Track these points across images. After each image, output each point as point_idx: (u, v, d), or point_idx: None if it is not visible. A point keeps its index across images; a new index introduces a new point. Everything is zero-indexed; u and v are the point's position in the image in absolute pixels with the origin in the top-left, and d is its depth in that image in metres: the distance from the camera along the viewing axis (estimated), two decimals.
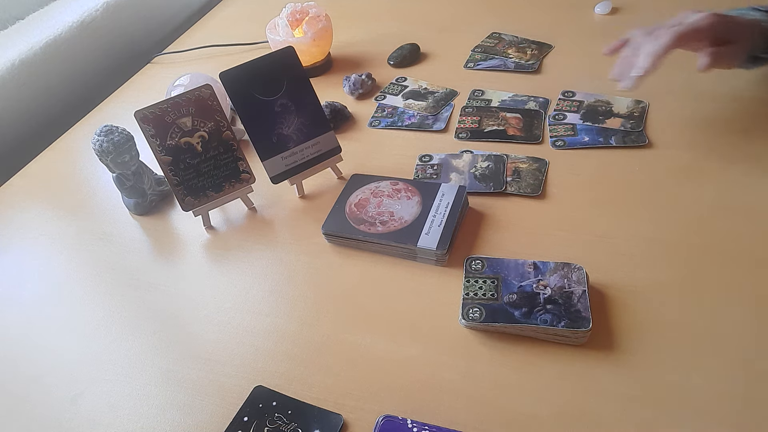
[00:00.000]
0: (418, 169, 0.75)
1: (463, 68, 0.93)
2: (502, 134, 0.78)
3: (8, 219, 0.79)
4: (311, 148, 0.72)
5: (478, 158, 0.74)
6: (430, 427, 0.48)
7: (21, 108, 0.94)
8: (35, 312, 0.65)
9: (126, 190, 0.73)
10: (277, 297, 0.62)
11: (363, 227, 0.64)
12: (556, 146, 0.75)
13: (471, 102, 0.85)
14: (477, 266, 0.59)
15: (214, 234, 0.71)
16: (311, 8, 0.95)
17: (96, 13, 1.06)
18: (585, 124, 0.78)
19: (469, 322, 0.54)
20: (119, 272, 0.68)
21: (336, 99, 0.87)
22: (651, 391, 0.48)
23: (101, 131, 0.69)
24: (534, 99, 0.83)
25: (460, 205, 0.65)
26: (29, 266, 0.71)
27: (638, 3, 1.02)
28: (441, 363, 0.53)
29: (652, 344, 0.52)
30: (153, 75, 1.07)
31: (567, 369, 0.51)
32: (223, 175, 0.70)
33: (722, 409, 0.47)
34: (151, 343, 0.59)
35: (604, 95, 0.82)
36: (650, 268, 0.58)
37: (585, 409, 0.48)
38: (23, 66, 0.93)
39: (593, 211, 0.65)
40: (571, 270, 0.57)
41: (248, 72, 0.69)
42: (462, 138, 0.79)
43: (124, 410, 0.54)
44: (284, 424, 0.50)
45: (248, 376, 0.54)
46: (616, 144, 0.74)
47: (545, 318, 0.53)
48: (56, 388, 0.56)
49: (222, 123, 0.69)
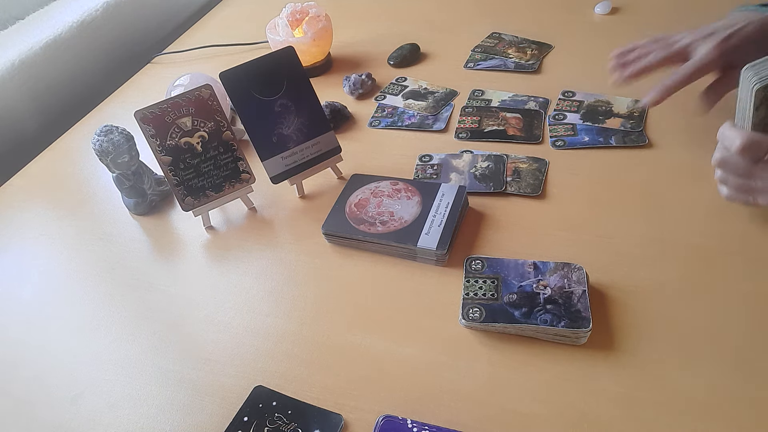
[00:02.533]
0: (418, 169, 0.75)
1: (463, 68, 0.93)
2: (502, 134, 0.78)
3: (8, 219, 0.79)
4: (311, 148, 0.72)
5: (478, 158, 0.74)
6: (430, 427, 0.48)
7: (21, 108, 0.94)
8: (35, 312, 0.65)
9: (126, 190, 0.73)
10: (277, 297, 0.62)
11: (363, 227, 0.64)
12: (557, 146, 0.75)
13: (471, 102, 0.85)
14: (477, 266, 0.59)
15: (214, 234, 0.71)
16: (311, 8, 0.95)
17: (96, 13, 1.06)
18: (585, 124, 0.78)
19: (469, 322, 0.54)
20: (119, 272, 0.68)
21: (336, 99, 0.87)
22: (651, 391, 0.49)
23: (101, 131, 0.69)
24: (534, 99, 0.83)
25: (460, 205, 0.65)
26: (29, 266, 0.71)
27: (638, 3, 1.02)
28: (441, 363, 0.53)
29: (652, 344, 0.52)
30: (153, 75, 1.07)
31: (567, 369, 0.51)
32: (223, 175, 0.70)
33: (722, 409, 0.47)
34: (151, 343, 0.59)
35: (604, 95, 0.82)
36: (650, 268, 0.58)
37: (585, 409, 0.48)
38: (23, 66, 0.93)
39: (593, 211, 0.65)
40: (571, 270, 0.57)
41: (248, 72, 0.69)
42: (462, 138, 0.79)
43: (124, 410, 0.54)
44: (284, 424, 0.50)
45: (248, 376, 0.54)
46: (616, 144, 0.74)
47: (545, 318, 0.53)
48: (56, 388, 0.56)
49: (222, 123, 0.69)
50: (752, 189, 0.57)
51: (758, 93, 0.53)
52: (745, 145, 0.54)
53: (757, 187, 0.56)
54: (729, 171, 0.58)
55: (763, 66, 0.53)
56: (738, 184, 0.58)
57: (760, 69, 0.53)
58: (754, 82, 0.53)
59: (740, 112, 0.56)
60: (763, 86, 0.52)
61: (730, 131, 0.56)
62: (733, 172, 0.58)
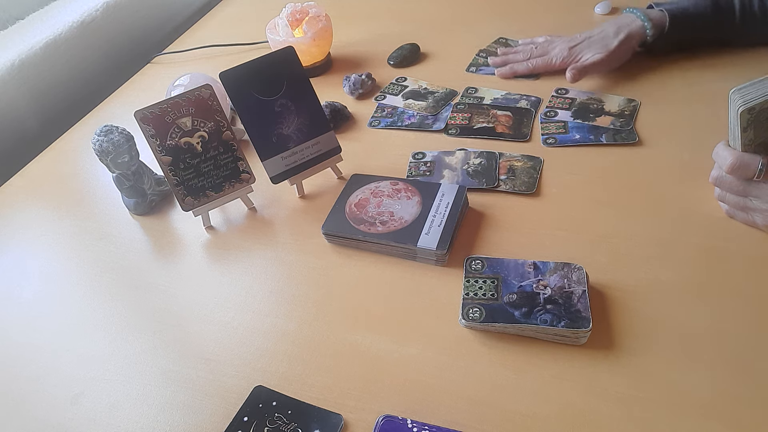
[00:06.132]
0: (411, 166, 0.75)
1: (464, 71, 0.93)
2: (491, 131, 0.79)
3: (8, 219, 0.79)
4: (311, 148, 0.72)
5: (470, 155, 0.74)
6: (430, 427, 0.48)
7: (21, 108, 0.94)
8: (35, 312, 0.65)
9: (126, 190, 0.73)
10: (277, 297, 0.62)
11: (363, 227, 0.64)
12: (548, 144, 0.75)
13: (464, 99, 0.86)
14: (477, 266, 0.59)
15: (214, 234, 0.71)
16: (311, 8, 0.95)
17: (96, 13, 1.06)
18: (576, 122, 0.78)
19: (469, 322, 0.54)
20: (119, 272, 0.68)
21: (336, 99, 0.87)
22: (651, 391, 0.49)
23: (101, 131, 0.69)
24: (526, 98, 0.84)
25: (460, 205, 0.65)
26: (29, 266, 0.71)
27: (638, 3, 1.02)
28: (441, 363, 0.53)
29: (652, 344, 0.52)
30: (153, 75, 1.07)
31: (567, 369, 0.51)
32: (223, 175, 0.70)
33: (722, 409, 0.47)
34: (151, 343, 0.59)
35: (596, 93, 0.82)
36: (650, 268, 0.58)
37: (585, 409, 0.48)
38: (23, 66, 0.93)
39: (592, 211, 0.65)
40: (571, 270, 0.57)
41: (248, 72, 0.69)
42: (452, 134, 0.80)
43: (124, 410, 0.54)
44: (284, 424, 0.50)
45: (248, 376, 0.54)
46: (607, 141, 0.74)
47: (545, 318, 0.53)
48: (56, 388, 0.56)
49: (222, 123, 0.69)
50: (748, 207, 0.59)
51: (743, 115, 0.54)
52: (735, 165, 0.57)
53: (753, 207, 0.58)
54: (725, 189, 0.60)
55: (747, 89, 0.55)
56: (735, 202, 0.60)
57: (744, 92, 0.54)
58: (739, 104, 0.54)
59: (731, 134, 0.58)
60: (747, 108, 0.54)
61: (724, 151, 0.58)
62: (729, 190, 0.60)
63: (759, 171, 0.56)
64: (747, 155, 0.56)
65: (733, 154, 0.57)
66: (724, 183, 0.60)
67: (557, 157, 0.73)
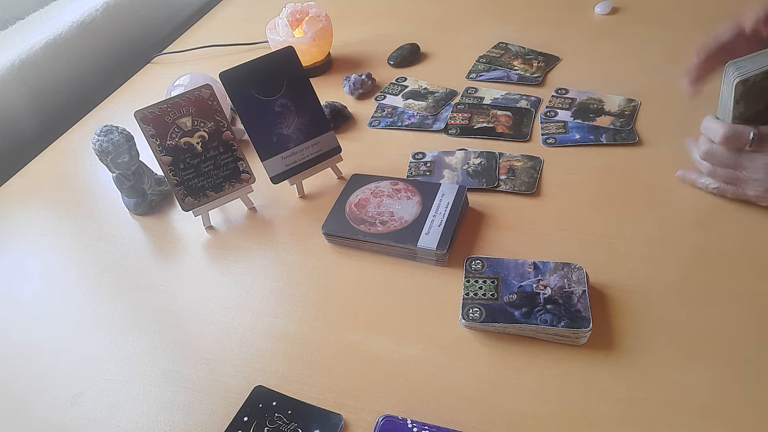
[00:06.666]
0: (411, 166, 0.75)
1: (464, 71, 0.92)
2: (491, 131, 0.78)
3: (8, 219, 0.79)
4: (311, 148, 0.72)
5: (470, 155, 0.74)
6: (430, 427, 0.48)
7: (21, 108, 0.94)
8: (35, 312, 0.65)
9: (126, 190, 0.73)
10: (277, 297, 0.62)
11: (363, 227, 0.64)
12: (548, 144, 0.75)
13: (464, 99, 0.85)
14: (477, 266, 0.59)
15: (214, 234, 0.71)
16: (311, 8, 0.95)
17: (96, 13, 1.06)
18: (576, 122, 0.78)
19: (469, 322, 0.54)
20: (119, 272, 0.68)
21: (336, 99, 0.87)
22: (651, 391, 0.48)
23: (101, 131, 0.69)
24: (526, 98, 0.83)
25: (460, 205, 0.65)
26: (29, 266, 0.71)
27: (638, 3, 1.02)
28: (441, 363, 0.53)
29: (652, 344, 0.52)
30: (153, 75, 1.07)
31: (567, 369, 0.51)
32: (223, 175, 0.70)
33: (722, 409, 0.47)
34: (151, 343, 0.59)
35: (596, 93, 0.82)
36: (650, 268, 0.58)
37: (585, 409, 0.48)
38: (23, 66, 0.93)
39: (592, 210, 0.65)
40: (571, 270, 0.57)
41: (248, 72, 0.69)
42: (452, 134, 0.79)
43: (124, 410, 0.54)
44: (284, 424, 0.50)
45: (248, 376, 0.54)
46: (607, 141, 0.74)
47: (545, 318, 0.53)
48: (56, 388, 0.56)
49: (222, 123, 0.69)
50: (739, 179, 0.59)
51: (738, 86, 0.55)
52: (728, 136, 0.57)
53: (744, 177, 0.59)
54: (716, 162, 0.60)
55: (743, 62, 0.55)
56: (725, 175, 0.60)
57: (741, 65, 0.55)
58: (735, 76, 0.55)
59: (722, 106, 0.58)
60: (743, 80, 0.54)
61: (713, 123, 0.59)
62: (719, 164, 0.60)
63: (751, 141, 0.56)
64: (739, 125, 0.57)
65: (725, 125, 0.57)
66: (714, 156, 0.60)
67: (557, 157, 0.73)
